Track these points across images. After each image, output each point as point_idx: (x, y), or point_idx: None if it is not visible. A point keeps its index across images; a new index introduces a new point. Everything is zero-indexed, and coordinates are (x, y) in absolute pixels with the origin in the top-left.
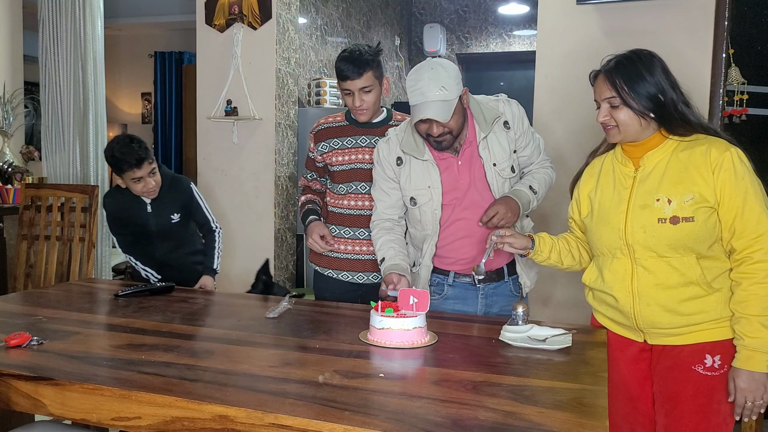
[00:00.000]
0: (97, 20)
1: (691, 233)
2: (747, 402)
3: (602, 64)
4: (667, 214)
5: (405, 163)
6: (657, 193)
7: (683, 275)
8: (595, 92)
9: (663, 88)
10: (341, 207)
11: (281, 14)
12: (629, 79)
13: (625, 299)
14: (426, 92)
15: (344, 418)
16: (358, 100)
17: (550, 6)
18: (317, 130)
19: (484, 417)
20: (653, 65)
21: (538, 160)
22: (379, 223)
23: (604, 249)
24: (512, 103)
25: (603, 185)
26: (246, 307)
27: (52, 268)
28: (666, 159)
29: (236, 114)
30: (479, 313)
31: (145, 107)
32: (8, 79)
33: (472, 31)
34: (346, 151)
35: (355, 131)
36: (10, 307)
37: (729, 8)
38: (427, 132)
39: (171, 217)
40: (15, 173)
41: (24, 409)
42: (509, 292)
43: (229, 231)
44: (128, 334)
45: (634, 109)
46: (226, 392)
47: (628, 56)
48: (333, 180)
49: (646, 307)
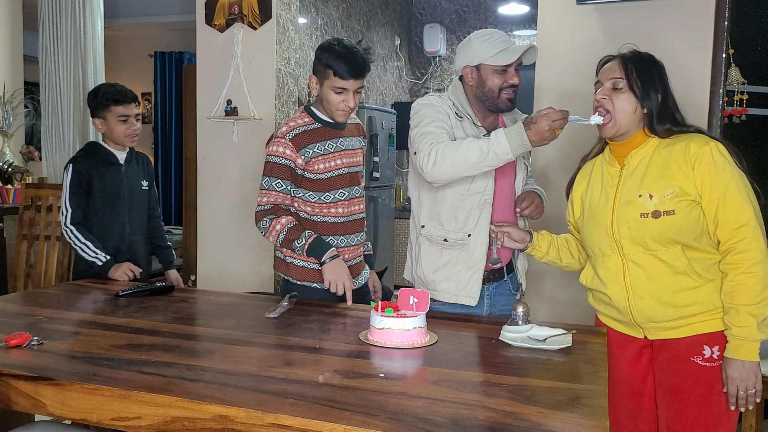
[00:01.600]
0: (97, 20)
1: (673, 226)
2: (739, 391)
3: (618, 52)
4: (649, 208)
5: (463, 120)
6: (639, 189)
7: (671, 266)
8: (601, 73)
9: (666, 90)
10: (332, 216)
11: (281, 14)
12: (641, 70)
13: (620, 295)
14: (506, 40)
15: (344, 418)
16: (352, 101)
17: (550, 6)
18: (295, 134)
19: (484, 417)
20: (663, 71)
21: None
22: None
23: (596, 248)
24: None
25: (593, 186)
26: (246, 307)
27: (52, 267)
28: (648, 156)
29: (236, 114)
30: (485, 314)
31: (145, 107)
32: (8, 79)
33: (472, 31)
34: (329, 157)
35: (331, 134)
36: (11, 307)
37: (729, 8)
38: (505, 84)
39: (141, 183)
40: (15, 173)
41: (24, 409)
42: (508, 290)
43: (229, 231)
44: (128, 334)
45: (636, 96)
46: (226, 392)
47: (645, 54)
48: (312, 188)
49: (640, 301)
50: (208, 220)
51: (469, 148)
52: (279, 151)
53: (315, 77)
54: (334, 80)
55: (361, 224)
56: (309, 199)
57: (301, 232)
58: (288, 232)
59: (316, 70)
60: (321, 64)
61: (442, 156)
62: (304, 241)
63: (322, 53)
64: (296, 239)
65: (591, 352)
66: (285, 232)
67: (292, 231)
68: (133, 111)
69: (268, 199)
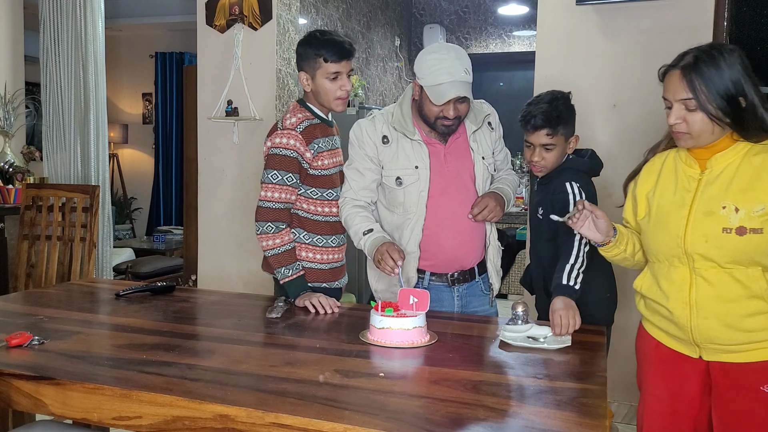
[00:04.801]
0: (98, 20)
1: (759, 246)
2: None
3: (678, 60)
4: (733, 223)
5: (392, 141)
6: (723, 199)
7: (747, 288)
8: (667, 90)
9: (744, 91)
10: (333, 215)
11: (281, 15)
12: (709, 80)
13: (682, 311)
14: (453, 72)
15: (344, 418)
16: (348, 84)
17: (549, 6)
18: (305, 127)
19: (484, 416)
20: (735, 64)
21: (506, 168)
22: (350, 201)
23: (661, 256)
24: (493, 109)
25: (663, 186)
26: (246, 307)
27: (53, 268)
28: (736, 163)
29: (237, 114)
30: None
31: (145, 107)
32: (9, 80)
33: (472, 31)
34: (333, 153)
35: (329, 131)
36: (11, 306)
37: (729, 8)
38: (440, 114)
39: None
40: (16, 173)
41: (25, 409)
42: (480, 291)
43: (230, 231)
44: (129, 334)
45: (710, 114)
46: (226, 391)
47: (708, 52)
48: (316, 185)
49: (704, 321)
50: (209, 220)
51: (353, 230)
52: (290, 143)
53: (304, 73)
54: (326, 66)
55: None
56: (311, 196)
57: (294, 260)
58: (284, 253)
59: (305, 65)
60: (309, 56)
61: (342, 216)
62: (292, 272)
63: (307, 46)
64: (286, 265)
65: (591, 352)
66: (280, 251)
67: (288, 255)
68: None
69: (281, 195)
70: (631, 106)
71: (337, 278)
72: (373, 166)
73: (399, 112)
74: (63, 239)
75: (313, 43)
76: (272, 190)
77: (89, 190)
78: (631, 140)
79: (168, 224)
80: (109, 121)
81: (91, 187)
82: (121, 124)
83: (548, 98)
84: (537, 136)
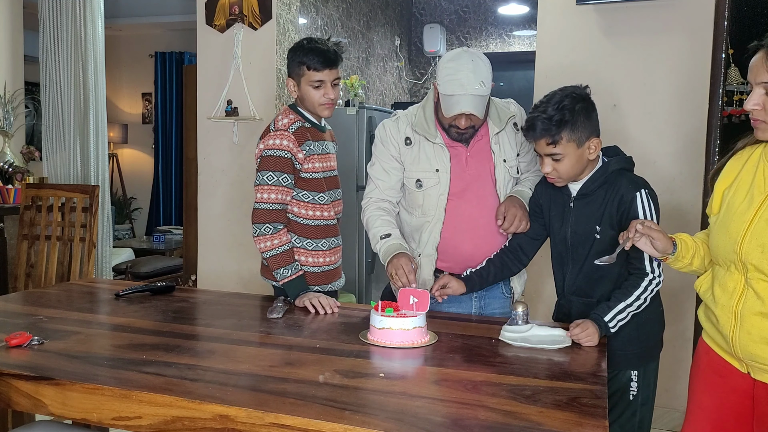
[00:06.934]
0: (98, 20)
1: None
2: None
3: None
4: None
5: (414, 143)
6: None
7: None
8: (750, 71)
9: None
10: (328, 219)
11: (281, 15)
12: None
13: (726, 321)
14: (466, 84)
15: (344, 418)
16: (332, 92)
17: (549, 6)
18: (297, 128)
19: (484, 417)
20: None
21: (532, 169)
22: (376, 202)
23: (719, 259)
24: (521, 108)
25: (740, 183)
26: (246, 307)
27: (52, 268)
28: None
29: (236, 114)
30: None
31: (145, 107)
32: (9, 79)
33: (472, 31)
34: (324, 157)
35: (321, 136)
36: (11, 306)
37: (728, 8)
38: (453, 123)
39: None
40: (16, 173)
41: (24, 409)
42: (501, 294)
43: (230, 231)
44: (129, 334)
45: None
46: (226, 392)
47: None
48: (307, 188)
49: (746, 335)
50: (209, 220)
51: (372, 232)
52: (283, 144)
53: (291, 80)
54: (309, 75)
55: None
56: (303, 199)
57: (292, 261)
58: (282, 253)
59: (291, 72)
60: (294, 63)
61: (365, 217)
62: (291, 273)
63: (294, 53)
64: (285, 266)
65: (591, 352)
66: (279, 251)
67: (286, 255)
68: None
69: (277, 195)
70: (631, 106)
71: (331, 281)
72: (398, 165)
73: (422, 114)
74: (62, 239)
75: (298, 51)
76: (268, 191)
77: (89, 190)
78: (631, 140)
79: (168, 224)
80: (109, 120)
81: (91, 187)
82: (121, 124)
83: (553, 101)
84: (539, 146)
